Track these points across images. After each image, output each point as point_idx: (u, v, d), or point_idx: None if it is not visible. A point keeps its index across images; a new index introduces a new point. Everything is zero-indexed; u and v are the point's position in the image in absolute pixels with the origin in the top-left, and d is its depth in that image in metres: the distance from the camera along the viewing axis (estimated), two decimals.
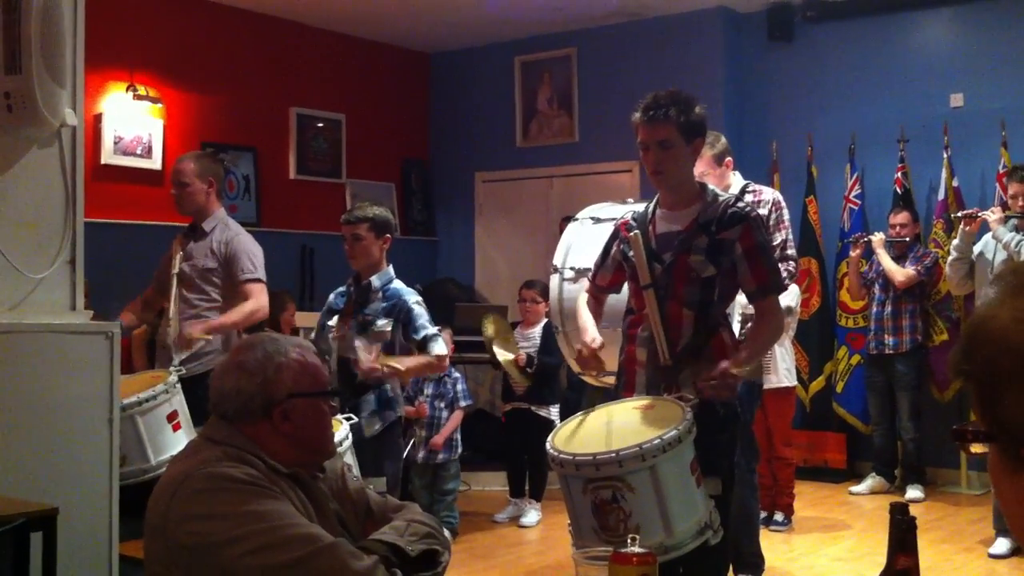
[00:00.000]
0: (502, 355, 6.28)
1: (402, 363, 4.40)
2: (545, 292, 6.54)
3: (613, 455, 2.73)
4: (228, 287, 4.79)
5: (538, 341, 6.45)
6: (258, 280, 4.79)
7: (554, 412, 6.44)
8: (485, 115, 9.45)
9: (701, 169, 4.45)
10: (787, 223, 4.70)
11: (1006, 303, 1.09)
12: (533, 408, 6.41)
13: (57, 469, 3.39)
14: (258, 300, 4.75)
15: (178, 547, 2.03)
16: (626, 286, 3.52)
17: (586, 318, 3.49)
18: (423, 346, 4.46)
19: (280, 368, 2.19)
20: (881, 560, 1.66)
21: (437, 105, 9.78)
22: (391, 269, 4.63)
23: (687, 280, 3.25)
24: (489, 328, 6.31)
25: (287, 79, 8.54)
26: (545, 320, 6.52)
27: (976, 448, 1.17)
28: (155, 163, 7.48)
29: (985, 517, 5.94)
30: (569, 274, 4.50)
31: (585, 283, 3.73)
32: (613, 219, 3.71)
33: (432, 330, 4.48)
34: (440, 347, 4.47)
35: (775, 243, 4.60)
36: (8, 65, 3.30)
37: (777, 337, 3.64)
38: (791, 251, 4.66)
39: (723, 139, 4.69)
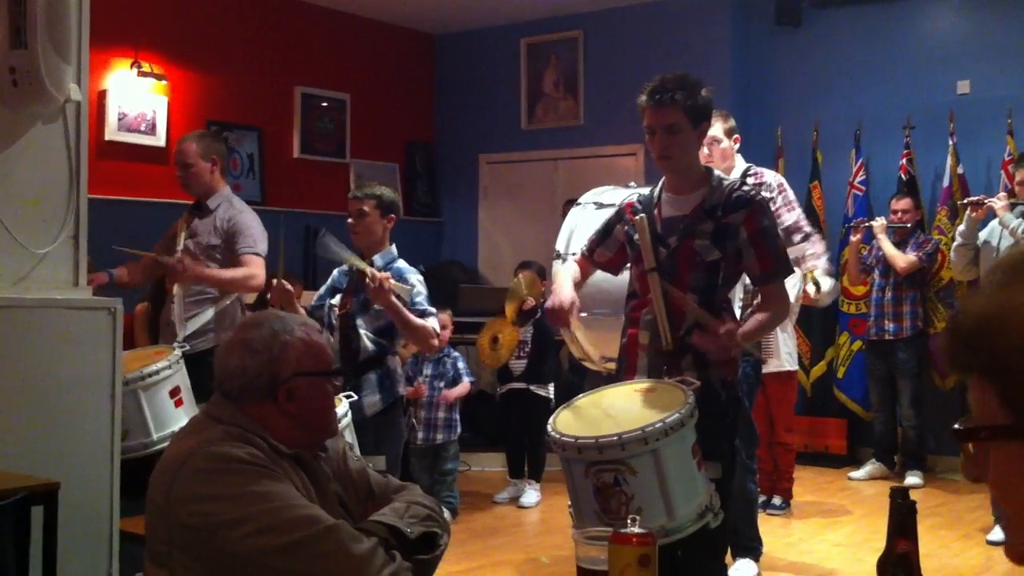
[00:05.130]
0: (519, 287, 6.21)
1: (399, 305, 4.35)
2: (541, 273, 6.55)
3: (616, 438, 2.73)
4: (228, 263, 4.79)
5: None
6: (257, 254, 4.80)
7: (551, 391, 6.45)
8: (490, 97, 9.43)
9: (712, 134, 4.47)
10: (795, 202, 4.72)
11: None
12: (531, 388, 6.42)
13: (59, 444, 3.40)
14: (253, 269, 4.76)
15: (180, 527, 2.04)
16: (626, 271, 3.51)
17: (564, 278, 3.45)
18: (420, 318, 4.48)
19: (285, 347, 2.19)
20: (880, 546, 1.67)
21: (442, 86, 9.76)
22: (394, 249, 4.63)
23: (692, 265, 3.24)
24: (520, 286, 6.25)
25: (292, 58, 8.52)
26: (543, 300, 6.52)
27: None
28: (159, 140, 7.48)
29: (984, 504, 5.95)
30: (577, 256, 4.49)
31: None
32: (616, 204, 3.69)
33: (429, 308, 4.50)
34: (434, 323, 4.50)
35: (789, 223, 4.61)
36: (13, 40, 3.30)
37: (781, 320, 3.63)
38: (808, 227, 4.68)
39: (732, 118, 4.73)
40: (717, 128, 4.56)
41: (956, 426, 1.10)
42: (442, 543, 2.26)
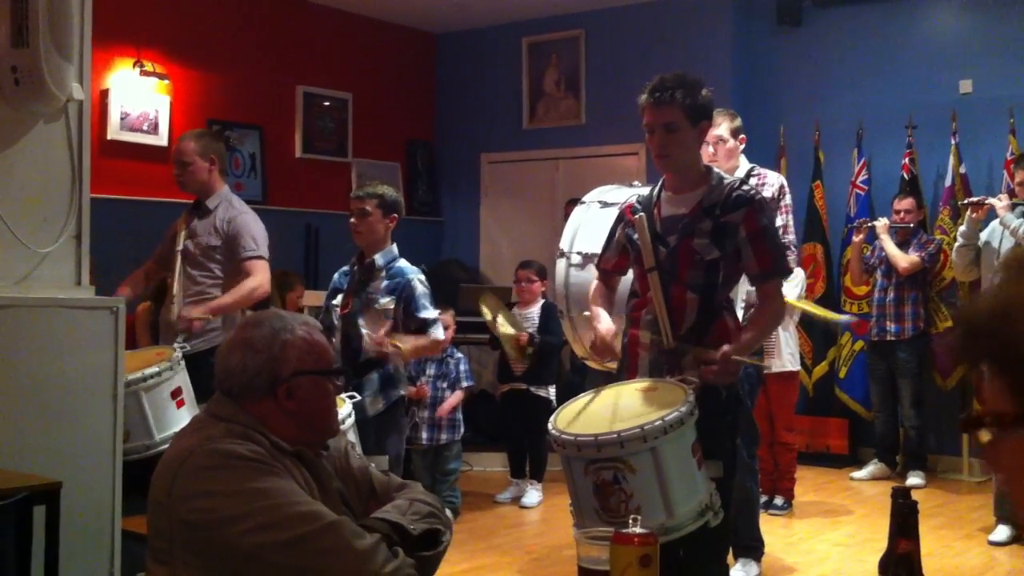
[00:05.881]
0: (504, 328, 6.27)
1: (405, 343, 4.43)
2: (541, 272, 6.57)
3: (615, 436, 2.73)
4: (229, 265, 4.79)
5: (536, 321, 6.46)
6: (259, 257, 4.79)
7: (552, 392, 6.46)
8: (492, 96, 9.42)
9: (718, 133, 4.48)
10: (789, 207, 4.71)
11: None
12: (531, 388, 6.43)
13: (61, 443, 3.40)
14: (258, 277, 4.74)
15: (181, 524, 2.04)
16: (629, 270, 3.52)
17: (596, 308, 3.50)
18: (422, 329, 4.48)
19: (286, 345, 2.19)
20: (881, 546, 1.67)
21: (443, 85, 9.76)
22: (395, 248, 4.64)
23: (691, 263, 3.24)
24: (486, 311, 6.31)
25: (294, 57, 8.52)
26: (543, 300, 6.53)
27: (987, 436, 1.14)
28: (161, 140, 7.48)
29: (985, 504, 5.95)
30: (576, 259, 4.48)
31: (592, 269, 3.72)
32: (619, 202, 3.70)
33: (432, 314, 4.51)
34: (439, 332, 4.52)
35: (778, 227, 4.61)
36: (15, 39, 3.30)
37: (779, 322, 3.63)
38: (791, 236, 4.68)
39: (739, 117, 4.73)
40: (723, 128, 4.56)
41: (962, 416, 1.12)
42: (444, 540, 2.26)
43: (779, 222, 4.63)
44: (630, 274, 3.53)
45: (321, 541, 2.00)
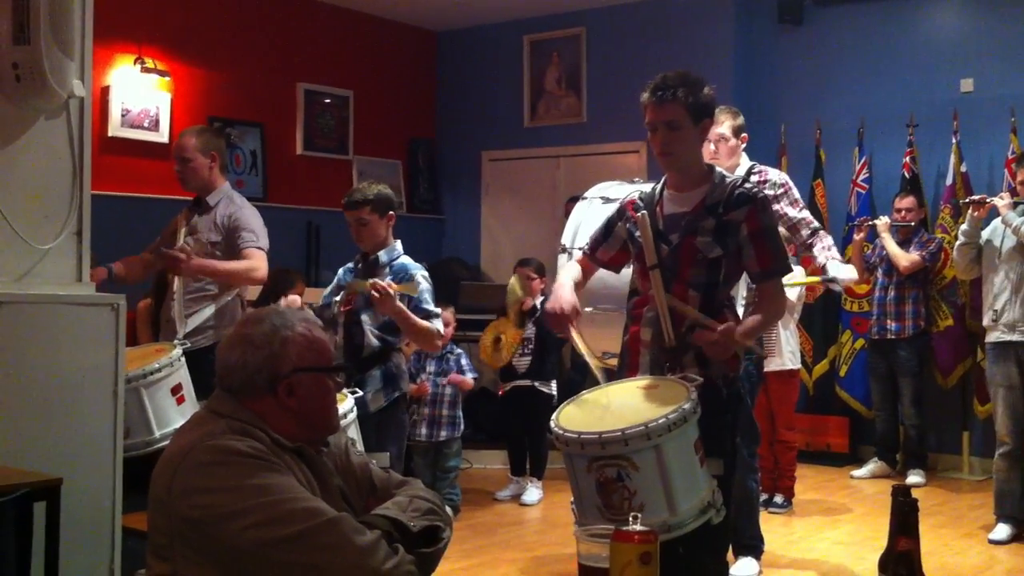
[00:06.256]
0: (515, 288, 6.37)
1: (406, 311, 4.39)
2: (540, 269, 6.58)
3: (619, 434, 2.73)
4: (229, 259, 4.78)
5: (535, 317, 6.46)
6: (259, 248, 4.78)
7: (554, 388, 6.47)
8: (493, 94, 9.43)
9: (720, 131, 4.48)
10: (800, 200, 4.73)
11: None
12: (536, 385, 6.43)
13: (61, 440, 3.40)
14: (254, 262, 4.73)
15: (181, 520, 2.04)
16: (628, 268, 3.51)
17: (565, 280, 3.44)
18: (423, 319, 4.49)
19: (286, 342, 2.19)
20: (881, 545, 1.67)
21: (445, 83, 9.76)
22: (398, 244, 4.63)
23: (693, 262, 3.24)
24: (516, 287, 6.43)
25: (295, 55, 8.53)
26: (542, 297, 6.54)
27: None
28: (162, 136, 7.48)
29: (986, 503, 5.95)
30: (579, 255, 4.48)
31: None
32: (622, 198, 3.69)
33: (434, 309, 4.50)
34: (439, 325, 4.50)
35: (796, 219, 4.62)
36: (16, 36, 3.29)
37: (779, 318, 3.62)
38: (815, 223, 4.69)
39: (741, 115, 4.72)
40: (725, 126, 4.57)
41: None
42: (444, 537, 2.25)
43: (797, 216, 4.64)
44: (626, 271, 3.53)
45: (321, 537, 2.00)
